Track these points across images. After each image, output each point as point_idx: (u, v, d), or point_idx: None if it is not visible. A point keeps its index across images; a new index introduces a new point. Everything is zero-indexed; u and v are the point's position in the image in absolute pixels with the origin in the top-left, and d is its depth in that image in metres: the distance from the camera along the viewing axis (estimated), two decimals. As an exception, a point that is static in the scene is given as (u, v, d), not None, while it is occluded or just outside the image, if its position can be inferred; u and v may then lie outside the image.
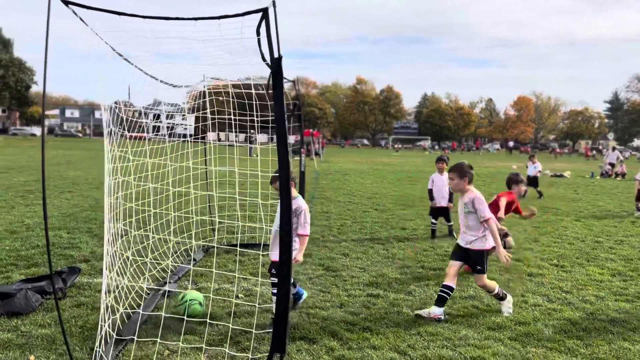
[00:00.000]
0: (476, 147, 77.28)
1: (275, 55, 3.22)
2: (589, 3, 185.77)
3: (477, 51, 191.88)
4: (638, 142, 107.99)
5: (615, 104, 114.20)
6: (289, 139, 3.44)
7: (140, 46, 4.31)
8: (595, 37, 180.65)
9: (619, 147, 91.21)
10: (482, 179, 23.90)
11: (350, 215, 11.30)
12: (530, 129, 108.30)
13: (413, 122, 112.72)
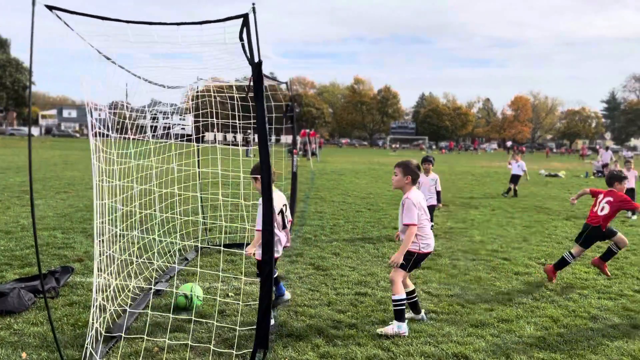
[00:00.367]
0: (474, 147, 77.59)
1: (255, 60, 3.32)
2: (588, 3, 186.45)
3: (476, 51, 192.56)
4: (635, 142, 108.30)
5: (612, 103, 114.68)
6: (285, 140, 3.55)
7: (134, 47, 4.39)
8: (594, 37, 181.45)
9: (614, 147, 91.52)
10: (477, 178, 24.06)
11: (343, 215, 11.40)
12: (528, 129, 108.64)
13: (410, 122, 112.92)
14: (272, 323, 4.54)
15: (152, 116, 7.17)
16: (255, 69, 3.25)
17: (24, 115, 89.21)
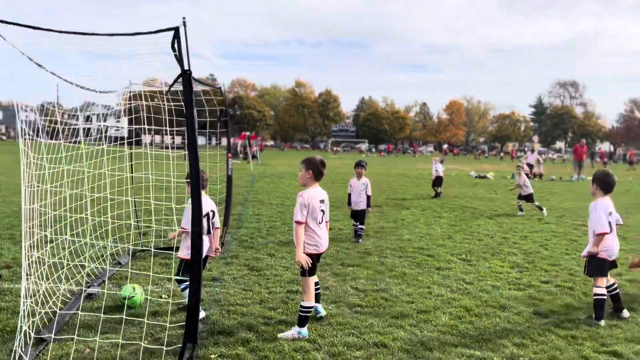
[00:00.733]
0: (413, 150, 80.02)
1: (185, 70, 3.52)
2: (516, 13, 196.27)
3: (413, 56, 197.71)
4: (560, 144, 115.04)
5: (539, 108, 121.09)
6: (222, 142, 3.74)
7: (68, 51, 4.42)
8: (522, 45, 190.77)
9: (542, 149, 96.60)
10: (412, 180, 24.95)
11: (280, 217, 11.64)
12: (462, 132, 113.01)
13: (351, 125, 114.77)
14: (202, 315, 4.74)
15: (85, 118, 7.13)
16: (185, 77, 3.46)
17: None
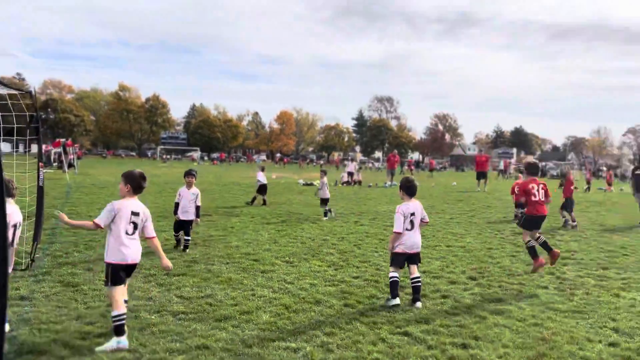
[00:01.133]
0: (248, 159, 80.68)
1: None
2: (339, 31, 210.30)
3: (246, 65, 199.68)
4: (378, 154, 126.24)
5: (361, 120, 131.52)
6: (33, 150, 3.55)
7: None
8: (345, 61, 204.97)
9: (363, 158, 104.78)
10: (243, 188, 25.33)
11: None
12: (292, 141, 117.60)
13: (182, 133, 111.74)
14: (7, 329, 4.43)
15: None
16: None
17: None
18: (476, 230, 12.93)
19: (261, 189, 17.61)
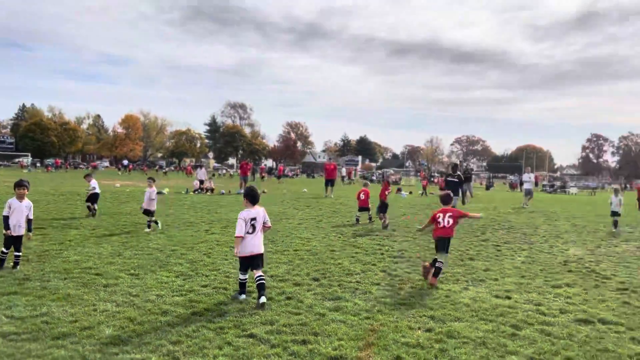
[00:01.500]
0: (93, 166, 74.11)
1: None
2: (188, 34, 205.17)
3: (85, 65, 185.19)
4: (232, 161, 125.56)
5: (214, 126, 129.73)
6: None
7: None
8: (196, 65, 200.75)
9: (216, 165, 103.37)
10: (83, 197, 23.56)
11: None
12: (140, 147, 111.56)
13: (9, 136, 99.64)
14: None
15: None
16: None
17: None
18: (322, 234, 13.75)
19: (92, 197, 16.65)
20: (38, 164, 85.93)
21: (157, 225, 13.70)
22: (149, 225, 13.44)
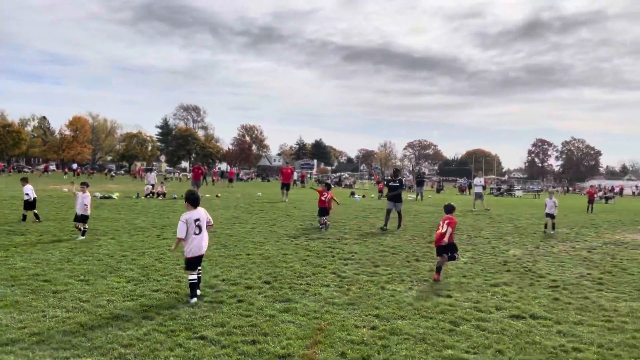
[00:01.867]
0: (45, 170, 70.98)
1: None
2: (139, 34, 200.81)
3: (28, 64, 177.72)
4: (185, 164, 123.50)
5: (166, 129, 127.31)
6: None
7: None
8: (147, 66, 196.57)
9: (169, 169, 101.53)
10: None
11: None
12: (88, 150, 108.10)
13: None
14: None
15: None
16: None
17: None
18: (275, 238, 13.96)
19: (28, 204, 16.19)
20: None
21: (82, 236, 12.70)
22: (84, 233, 12.84)
